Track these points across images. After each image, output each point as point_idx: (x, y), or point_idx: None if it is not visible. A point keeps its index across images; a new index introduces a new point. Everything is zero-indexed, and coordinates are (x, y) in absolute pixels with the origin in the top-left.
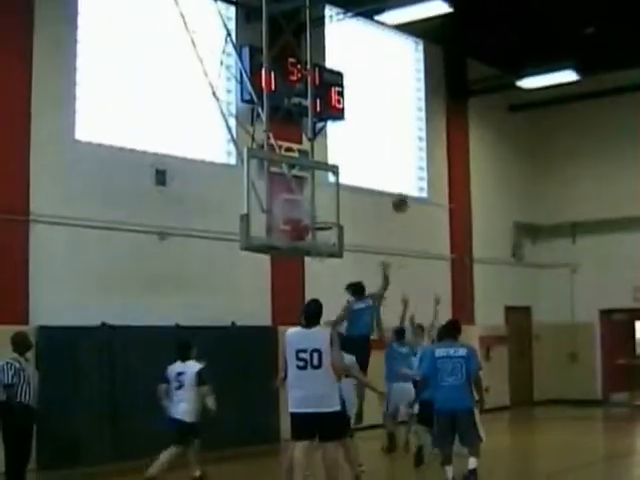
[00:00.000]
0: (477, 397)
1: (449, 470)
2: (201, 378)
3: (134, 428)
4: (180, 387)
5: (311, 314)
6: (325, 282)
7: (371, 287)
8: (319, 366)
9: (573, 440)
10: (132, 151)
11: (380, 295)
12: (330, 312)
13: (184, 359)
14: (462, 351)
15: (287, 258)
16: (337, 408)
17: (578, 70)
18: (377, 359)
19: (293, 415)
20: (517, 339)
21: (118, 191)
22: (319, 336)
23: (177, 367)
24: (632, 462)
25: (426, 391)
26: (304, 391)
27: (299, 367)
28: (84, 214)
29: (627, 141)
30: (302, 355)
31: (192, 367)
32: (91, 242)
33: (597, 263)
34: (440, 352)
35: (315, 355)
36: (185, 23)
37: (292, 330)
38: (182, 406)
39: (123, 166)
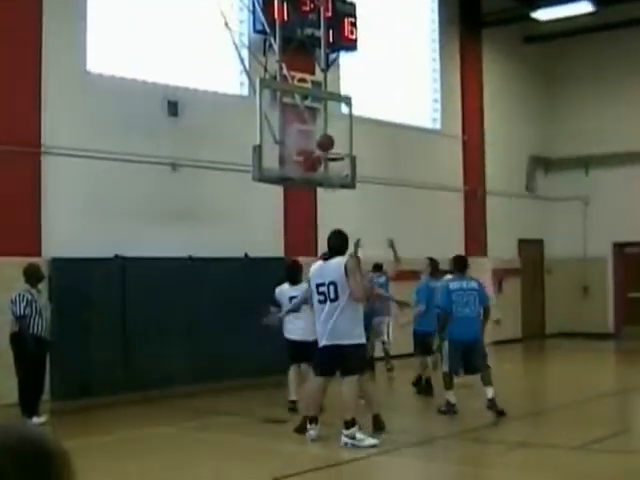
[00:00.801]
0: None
1: (452, 394)
2: None
3: (146, 358)
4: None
5: (331, 246)
6: (338, 213)
7: (379, 219)
8: (336, 299)
9: (583, 373)
10: (144, 82)
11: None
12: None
13: (294, 282)
14: (474, 284)
15: (300, 189)
16: (358, 341)
17: (593, 1)
18: None
19: (317, 350)
20: (529, 272)
21: (130, 122)
22: (335, 267)
23: (288, 291)
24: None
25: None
26: (324, 325)
27: (320, 301)
28: (96, 146)
29: None
30: (321, 289)
31: (304, 289)
32: (103, 174)
33: (610, 196)
34: (454, 285)
35: (331, 288)
36: None
37: (314, 264)
38: (301, 326)
39: (135, 97)
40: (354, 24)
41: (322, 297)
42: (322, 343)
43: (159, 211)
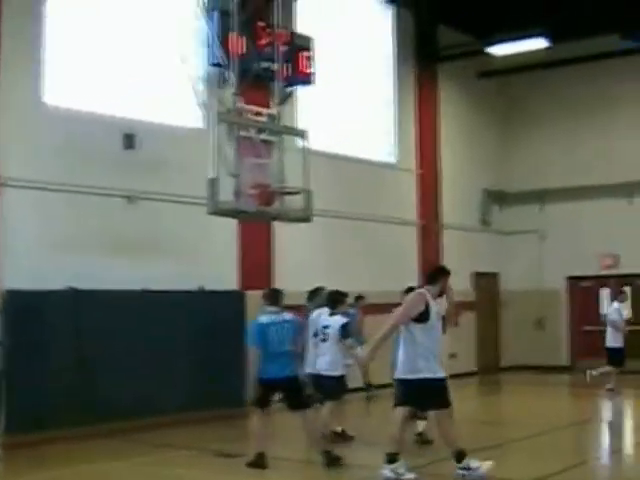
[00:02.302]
0: None
1: (420, 424)
2: (345, 331)
3: (102, 392)
4: (325, 340)
5: (426, 277)
6: (293, 246)
7: (335, 252)
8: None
9: (538, 406)
10: (101, 115)
11: None
12: (298, 280)
13: (332, 313)
14: None
15: (255, 222)
16: (417, 376)
17: (548, 37)
18: None
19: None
20: (485, 305)
21: (86, 155)
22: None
23: (323, 320)
24: (594, 428)
25: None
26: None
27: None
28: (52, 178)
29: (596, 109)
30: None
31: (338, 321)
32: (59, 206)
33: (565, 230)
34: None
35: None
36: None
37: None
38: (325, 360)
39: (91, 130)
40: (310, 58)
41: None
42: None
43: (115, 243)
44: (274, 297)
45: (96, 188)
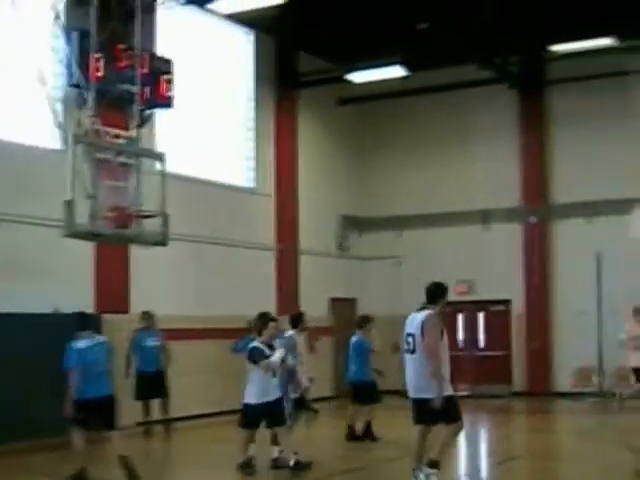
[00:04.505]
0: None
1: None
2: (250, 357)
3: None
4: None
5: (426, 295)
6: (150, 270)
7: (192, 276)
8: (413, 351)
9: (395, 428)
10: None
11: None
12: (155, 303)
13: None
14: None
15: (112, 245)
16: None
17: (406, 66)
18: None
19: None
20: (342, 330)
21: None
22: (418, 320)
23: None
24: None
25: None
26: (408, 377)
27: (405, 350)
28: None
29: (452, 137)
30: (407, 339)
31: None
32: None
33: (422, 256)
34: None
35: (410, 340)
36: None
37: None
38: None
39: None
40: (170, 81)
41: (407, 347)
42: (409, 394)
43: None
44: (85, 322)
45: None
